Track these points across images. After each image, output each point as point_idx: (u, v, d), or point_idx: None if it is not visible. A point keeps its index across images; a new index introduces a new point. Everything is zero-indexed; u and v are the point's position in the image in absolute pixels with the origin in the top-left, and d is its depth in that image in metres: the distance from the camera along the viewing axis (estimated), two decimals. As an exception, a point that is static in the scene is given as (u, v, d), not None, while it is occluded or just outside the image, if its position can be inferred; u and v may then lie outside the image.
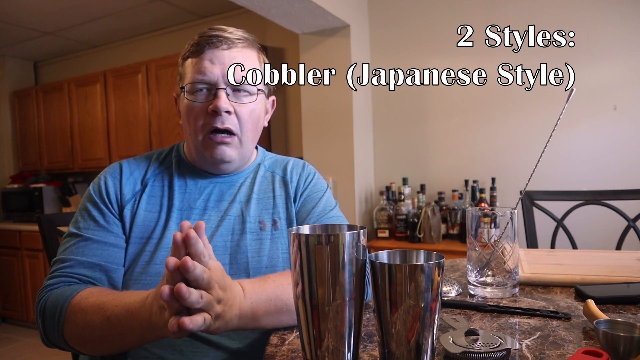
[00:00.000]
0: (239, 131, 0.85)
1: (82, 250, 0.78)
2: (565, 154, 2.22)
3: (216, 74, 0.82)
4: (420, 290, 0.48)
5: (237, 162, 0.89)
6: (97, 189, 0.85)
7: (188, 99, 0.84)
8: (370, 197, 2.68)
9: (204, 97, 0.83)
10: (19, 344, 3.16)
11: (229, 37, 0.83)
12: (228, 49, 0.83)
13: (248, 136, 0.87)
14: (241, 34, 0.86)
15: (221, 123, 0.82)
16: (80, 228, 0.81)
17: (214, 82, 0.82)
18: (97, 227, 0.81)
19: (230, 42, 0.83)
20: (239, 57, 0.84)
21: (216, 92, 0.82)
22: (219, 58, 0.82)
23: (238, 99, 0.84)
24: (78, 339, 0.70)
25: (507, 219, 0.79)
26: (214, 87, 0.82)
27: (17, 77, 4.14)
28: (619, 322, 0.55)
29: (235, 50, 0.84)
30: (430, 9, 2.51)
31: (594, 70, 2.15)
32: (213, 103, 0.81)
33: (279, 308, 0.68)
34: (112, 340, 0.68)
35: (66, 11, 3.12)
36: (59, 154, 3.75)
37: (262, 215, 0.88)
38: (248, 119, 0.85)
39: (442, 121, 2.52)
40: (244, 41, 0.86)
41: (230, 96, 0.83)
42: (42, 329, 0.73)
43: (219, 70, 0.82)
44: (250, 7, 2.16)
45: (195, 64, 0.83)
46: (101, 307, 0.67)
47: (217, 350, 0.76)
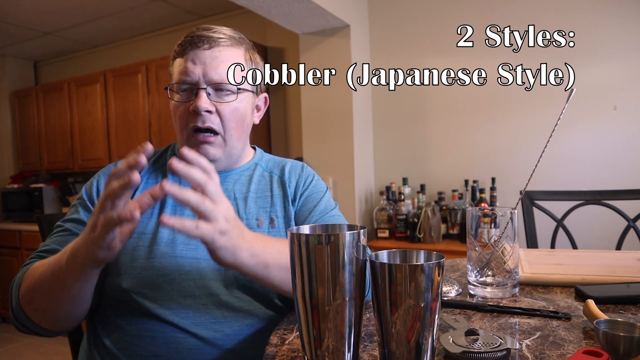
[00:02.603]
0: (222, 130, 0.85)
1: (59, 239, 0.82)
2: (565, 154, 2.22)
3: (197, 73, 0.82)
4: (420, 290, 0.48)
5: (223, 160, 0.89)
6: (89, 189, 0.89)
7: (172, 99, 0.86)
8: (370, 197, 2.68)
9: (186, 97, 0.85)
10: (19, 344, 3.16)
11: (212, 36, 0.84)
12: (209, 49, 0.83)
13: (232, 134, 0.87)
14: (226, 33, 0.86)
15: (202, 122, 0.83)
16: (65, 221, 0.85)
17: (195, 82, 0.83)
18: (80, 223, 0.84)
19: (213, 41, 0.84)
20: (220, 57, 0.84)
21: (197, 92, 0.83)
22: (200, 58, 0.83)
23: (220, 98, 0.85)
24: (28, 300, 0.73)
25: (507, 219, 0.79)
26: (195, 87, 0.83)
27: (17, 77, 4.14)
28: (619, 322, 0.55)
29: (217, 49, 0.84)
30: (430, 9, 2.51)
31: (594, 70, 2.15)
32: (193, 103, 0.82)
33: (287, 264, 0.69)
34: (56, 291, 0.69)
35: (66, 11, 3.12)
36: (59, 154, 3.75)
37: (259, 213, 0.88)
38: (231, 118, 0.85)
39: (442, 121, 2.52)
40: (228, 39, 0.86)
41: (211, 95, 0.84)
42: (10, 305, 0.76)
43: (200, 70, 0.82)
44: (250, 7, 2.16)
45: (180, 64, 0.85)
46: (45, 262, 0.73)
47: (212, 348, 0.76)
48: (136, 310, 0.77)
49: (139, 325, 0.77)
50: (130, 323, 0.77)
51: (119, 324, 0.78)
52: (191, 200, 0.57)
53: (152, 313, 0.76)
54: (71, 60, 4.14)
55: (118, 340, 0.77)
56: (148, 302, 0.77)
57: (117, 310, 0.79)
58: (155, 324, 0.76)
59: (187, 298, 0.77)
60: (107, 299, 0.80)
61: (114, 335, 0.78)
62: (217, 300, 0.78)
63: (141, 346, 0.76)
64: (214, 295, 0.78)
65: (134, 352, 0.76)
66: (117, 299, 0.79)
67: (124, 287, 0.78)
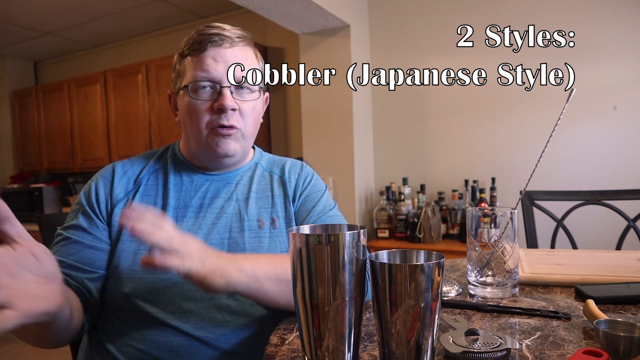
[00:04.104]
0: (243, 126, 0.86)
1: (60, 250, 0.81)
2: (565, 154, 2.22)
3: (220, 71, 0.82)
4: (420, 290, 0.48)
5: (238, 156, 0.89)
6: (87, 193, 0.87)
7: (192, 97, 0.84)
8: (370, 197, 2.68)
9: (208, 95, 0.83)
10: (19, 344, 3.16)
11: (230, 35, 0.84)
12: (230, 47, 0.84)
13: (250, 131, 0.88)
14: (240, 32, 0.87)
15: (227, 120, 0.83)
16: (65, 228, 0.84)
17: (218, 80, 0.82)
18: (79, 230, 0.82)
19: (231, 40, 0.84)
20: (240, 56, 0.85)
21: (221, 90, 0.82)
22: (222, 56, 0.83)
23: (241, 97, 0.85)
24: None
25: (507, 219, 0.79)
26: (218, 85, 0.83)
27: (17, 77, 4.14)
28: (619, 322, 0.55)
29: (237, 48, 0.85)
30: (430, 9, 2.51)
31: (594, 70, 2.15)
32: (219, 101, 0.82)
33: (279, 275, 0.69)
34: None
35: (66, 11, 3.12)
36: (59, 154, 3.75)
37: (260, 214, 0.88)
38: (251, 115, 0.87)
39: (442, 121, 2.52)
40: (243, 39, 0.87)
41: (234, 94, 0.84)
42: None
43: (223, 68, 0.82)
44: (250, 7, 2.16)
45: (197, 61, 0.83)
46: None
47: (214, 351, 0.76)
48: (138, 315, 0.77)
49: (141, 329, 0.77)
50: (132, 327, 0.77)
51: (120, 328, 0.78)
52: (161, 240, 0.59)
53: (153, 317, 0.76)
54: (71, 60, 4.14)
55: (120, 345, 0.77)
56: (149, 307, 0.76)
57: (119, 314, 0.79)
58: (157, 328, 0.76)
59: (188, 302, 0.77)
60: (108, 303, 0.80)
61: (115, 340, 0.78)
62: (218, 304, 0.78)
63: (143, 350, 0.76)
64: (215, 298, 0.78)
65: (135, 356, 0.76)
66: (118, 304, 0.79)
67: (125, 291, 0.77)
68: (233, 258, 0.67)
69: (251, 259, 0.70)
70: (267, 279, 0.68)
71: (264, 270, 0.69)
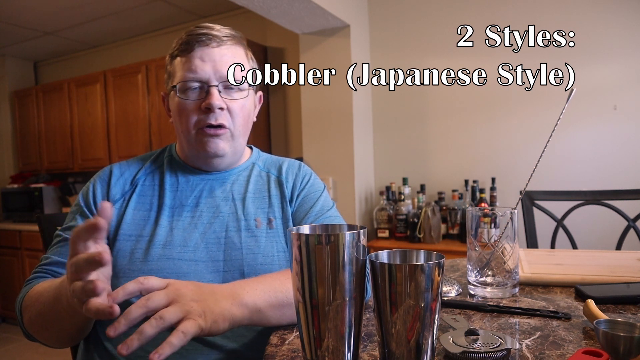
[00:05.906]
0: (232, 125, 0.86)
1: (59, 250, 0.82)
2: (565, 154, 2.22)
3: (207, 71, 0.83)
4: (420, 290, 0.48)
5: (229, 156, 0.89)
6: (85, 195, 0.89)
7: (180, 97, 0.84)
8: (370, 197, 2.68)
9: (196, 94, 0.84)
10: (19, 344, 3.16)
11: (218, 34, 0.85)
12: (218, 47, 0.84)
13: (240, 130, 0.88)
14: (229, 32, 0.87)
15: (215, 119, 0.83)
16: (64, 229, 0.86)
17: (206, 80, 0.83)
18: None
19: (219, 39, 0.85)
20: (228, 54, 0.85)
21: (208, 90, 0.83)
22: (209, 56, 0.83)
23: (229, 95, 0.85)
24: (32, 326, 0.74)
25: (507, 219, 0.79)
26: (205, 85, 0.83)
27: (17, 77, 4.14)
28: (619, 322, 0.55)
29: (225, 47, 0.85)
30: (430, 9, 2.51)
31: (594, 70, 2.15)
32: (206, 100, 0.82)
33: (280, 300, 0.68)
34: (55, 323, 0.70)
35: (66, 11, 3.12)
36: (59, 154, 3.75)
37: (257, 214, 0.88)
38: (240, 114, 0.87)
39: (442, 121, 2.52)
40: (231, 38, 0.87)
41: (222, 93, 0.84)
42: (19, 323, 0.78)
43: (210, 67, 0.83)
44: (250, 7, 2.16)
45: (186, 62, 0.84)
46: (41, 293, 0.72)
47: (213, 350, 0.76)
48: None
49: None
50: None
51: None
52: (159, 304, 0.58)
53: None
54: (71, 60, 4.14)
55: (118, 343, 0.77)
56: None
57: None
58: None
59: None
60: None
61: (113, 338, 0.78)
62: None
63: (141, 348, 0.76)
64: None
65: (133, 354, 0.76)
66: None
67: None
68: (232, 293, 0.64)
69: (251, 287, 0.67)
70: (269, 308, 0.67)
71: (265, 299, 0.67)
